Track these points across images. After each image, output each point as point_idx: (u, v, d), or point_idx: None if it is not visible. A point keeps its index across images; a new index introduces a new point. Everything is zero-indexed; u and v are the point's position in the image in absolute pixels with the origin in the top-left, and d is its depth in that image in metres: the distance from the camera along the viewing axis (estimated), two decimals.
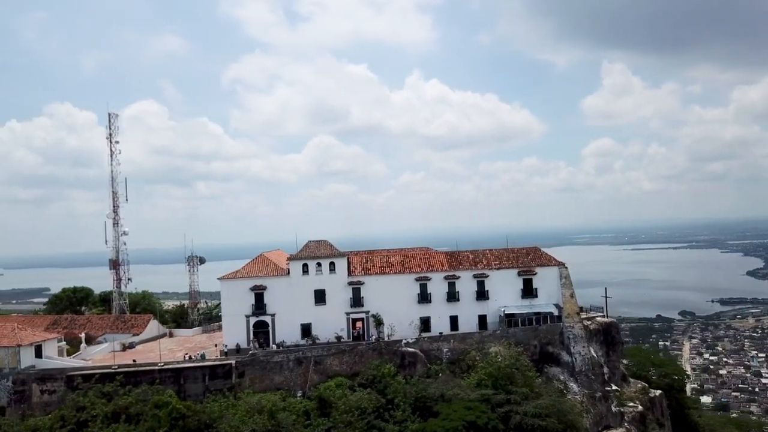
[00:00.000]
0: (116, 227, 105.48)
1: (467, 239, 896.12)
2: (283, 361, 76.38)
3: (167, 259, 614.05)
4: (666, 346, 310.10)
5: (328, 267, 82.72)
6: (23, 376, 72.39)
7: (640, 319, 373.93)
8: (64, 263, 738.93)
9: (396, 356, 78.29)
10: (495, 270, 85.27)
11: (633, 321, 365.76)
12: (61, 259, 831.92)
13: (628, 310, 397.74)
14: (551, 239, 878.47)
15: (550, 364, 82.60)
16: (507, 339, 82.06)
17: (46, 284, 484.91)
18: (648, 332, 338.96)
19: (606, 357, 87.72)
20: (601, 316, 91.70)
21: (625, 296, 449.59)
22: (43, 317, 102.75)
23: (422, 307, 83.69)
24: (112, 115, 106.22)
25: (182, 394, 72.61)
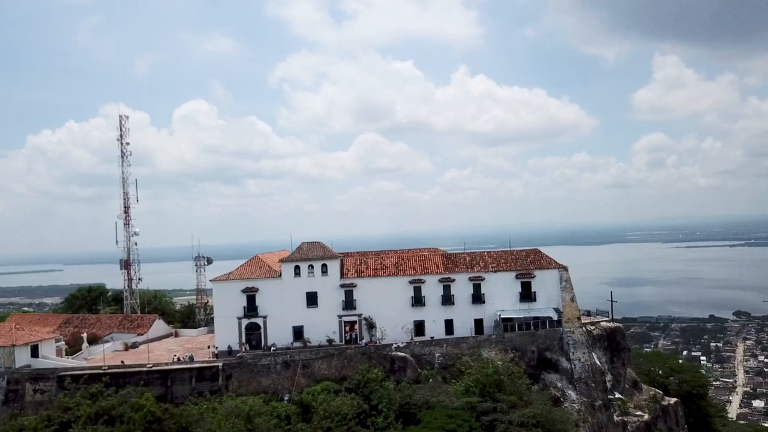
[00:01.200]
0: (127, 227, 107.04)
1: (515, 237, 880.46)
2: (270, 364, 75.99)
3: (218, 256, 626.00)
4: (718, 348, 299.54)
5: (320, 269, 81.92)
6: (17, 376, 73.94)
7: (692, 319, 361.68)
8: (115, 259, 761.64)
9: (386, 361, 77.01)
10: (492, 273, 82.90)
11: (684, 321, 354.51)
12: (116, 256, 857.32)
13: (680, 310, 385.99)
14: (602, 236, 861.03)
15: (548, 371, 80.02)
16: (503, 344, 79.87)
17: (102, 280, 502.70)
18: (699, 333, 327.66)
19: (610, 364, 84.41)
20: (606, 320, 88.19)
21: (677, 295, 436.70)
22: (57, 316, 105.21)
23: (416, 310, 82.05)
24: (122, 117, 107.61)
25: (169, 396, 73.20)
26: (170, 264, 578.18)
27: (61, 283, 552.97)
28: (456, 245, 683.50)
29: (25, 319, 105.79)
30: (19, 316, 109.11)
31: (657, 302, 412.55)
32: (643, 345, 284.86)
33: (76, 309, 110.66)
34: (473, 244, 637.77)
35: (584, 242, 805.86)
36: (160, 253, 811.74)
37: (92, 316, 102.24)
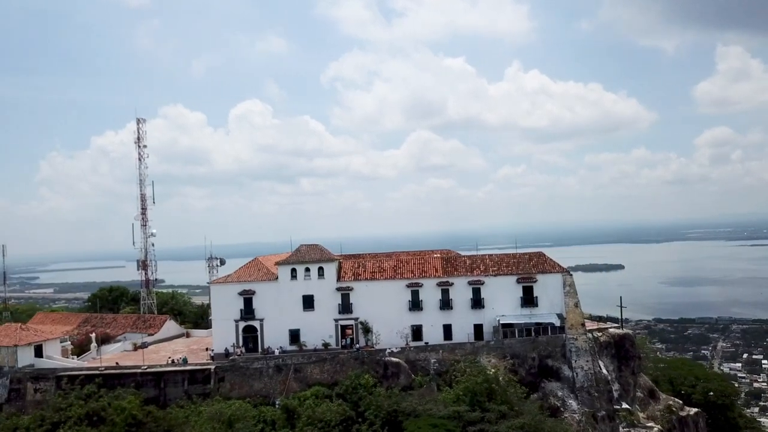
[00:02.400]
0: (144, 228, 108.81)
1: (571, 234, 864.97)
2: (262, 367, 75.78)
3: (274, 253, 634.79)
4: None
5: (317, 272, 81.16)
6: (19, 375, 75.95)
7: (755, 321, 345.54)
8: (178, 256, 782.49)
9: (379, 366, 75.73)
10: (492, 276, 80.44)
11: (746, 322, 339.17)
12: (175, 253, 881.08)
13: (742, 311, 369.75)
14: (661, 234, 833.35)
15: (549, 379, 77.14)
16: (502, 351, 77.47)
17: (161, 276, 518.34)
18: (762, 335, 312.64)
19: (618, 372, 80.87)
20: (615, 327, 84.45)
21: (740, 295, 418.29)
22: (77, 315, 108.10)
23: (413, 314, 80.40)
24: (140, 120, 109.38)
25: (162, 398, 73.91)
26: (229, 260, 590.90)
27: (123, 279, 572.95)
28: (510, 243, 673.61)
29: (48, 318, 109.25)
30: (44, 314, 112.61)
31: (718, 303, 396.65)
32: (701, 347, 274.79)
33: (98, 308, 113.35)
34: (528, 242, 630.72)
35: (643, 240, 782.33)
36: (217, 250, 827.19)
37: (109, 315, 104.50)
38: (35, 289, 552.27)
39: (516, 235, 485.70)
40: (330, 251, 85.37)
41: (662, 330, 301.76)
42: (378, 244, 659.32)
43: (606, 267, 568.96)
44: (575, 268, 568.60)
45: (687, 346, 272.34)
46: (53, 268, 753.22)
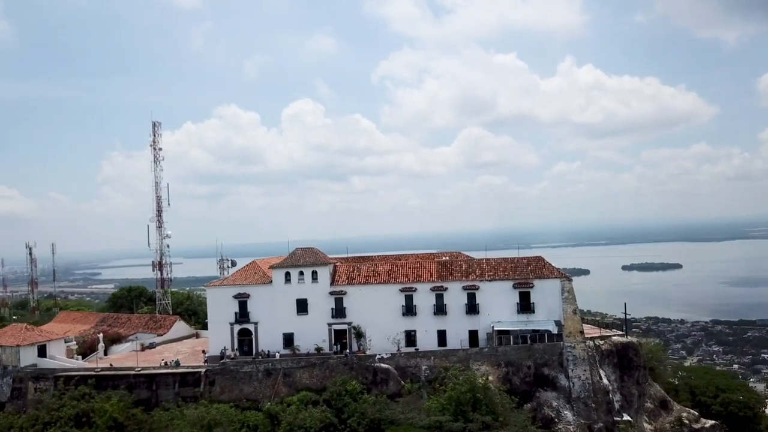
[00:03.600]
0: (159, 230, 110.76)
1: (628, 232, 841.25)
2: (252, 371, 75.81)
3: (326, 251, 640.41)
4: None
5: (311, 276, 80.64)
6: (21, 375, 78.15)
7: None
8: (233, 254, 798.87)
9: (368, 372, 74.76)
10: (487, 281, 78.28)
11: None
12: (230, 251, 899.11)
13: None
14: (722, 232, 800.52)
15: (546, 388, 74.62)
16: (496, 358, 75.38)
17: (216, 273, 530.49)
18: None
19: (620, 382, 77.53)
20: (620, 335, 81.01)
21: None
22: (96, 314, 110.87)
23: (407, 320, 78.98)
24: (156, 123, 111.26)
25: (154, 399, 74.77)
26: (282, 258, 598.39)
27: (179, 276, 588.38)
28: (565, 241, 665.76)
29: (69, 317, 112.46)
30: (66, 313, 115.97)
31: None
32: (761, 350, 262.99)
33: (117, 308, 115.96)
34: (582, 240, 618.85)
35: (702, 238, 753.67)
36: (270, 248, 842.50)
37: (124, 315, 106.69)
38: (97, 284, 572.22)
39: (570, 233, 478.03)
40: (326, 254, 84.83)
41: (720, 332, 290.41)
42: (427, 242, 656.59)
43: (663, 266, 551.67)
44: (630, 267, 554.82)
45: (746, 349, 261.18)
46: (114, 264, 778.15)
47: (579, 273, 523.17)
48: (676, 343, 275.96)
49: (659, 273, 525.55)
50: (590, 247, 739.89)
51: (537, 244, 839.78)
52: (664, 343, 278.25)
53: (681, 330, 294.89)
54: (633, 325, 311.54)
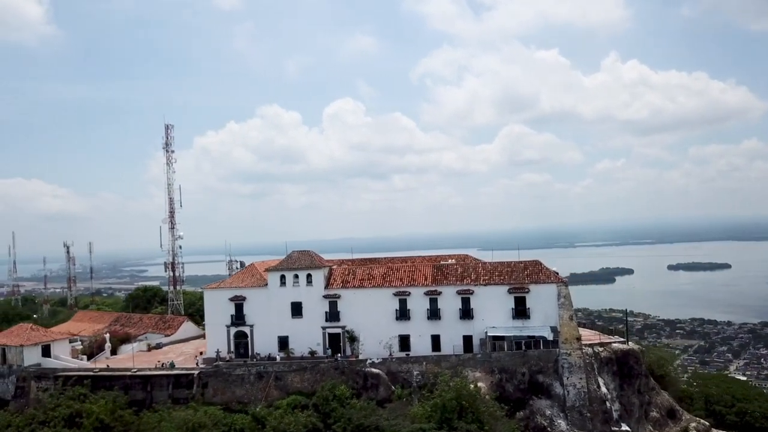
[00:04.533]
0: (172, 231, 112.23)
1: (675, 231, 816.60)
2: (244, 374, 76.01)
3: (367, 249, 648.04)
4: None
5: (305, 279, 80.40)
6: (24, 374, 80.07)
7: None
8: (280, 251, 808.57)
9: (359, 377, 74.16)
10: (482, 286, 76.72)
11: None
12: (273, 248, 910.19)
13: None
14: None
15: (540, 396, 72.79)
16: (489, 364, 73.89)
17: None
18: None
19: (619, 390, 75.05)
20: (620, 342, 78.38)
21: None
22: (111, 314, 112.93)
23: (401, 324, 78.02)
24: (168, 126, 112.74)
25: (149, 401, 75.59)
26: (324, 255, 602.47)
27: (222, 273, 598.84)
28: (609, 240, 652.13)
29: (86, 316, 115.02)
30: (83, 312, 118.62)
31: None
32: None
33: (133, 307, 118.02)
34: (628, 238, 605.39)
35: (753, 237, 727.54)
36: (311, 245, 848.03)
37: (136, 315, 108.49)
38: (143, 281, 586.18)
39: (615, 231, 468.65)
40: (321, 257, 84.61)
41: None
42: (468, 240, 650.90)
43: (711, 266, 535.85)
44: (676, 266, 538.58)
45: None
46: (159, 261, 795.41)
47: (622, 273, 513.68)
48: (721, 345, 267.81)
49: (707, 273, 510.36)
50: (636, 246, 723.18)
51: (580, 243, 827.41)
52: (709, 345, 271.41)
53: (727, 332, 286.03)
54: (677, 326, 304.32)
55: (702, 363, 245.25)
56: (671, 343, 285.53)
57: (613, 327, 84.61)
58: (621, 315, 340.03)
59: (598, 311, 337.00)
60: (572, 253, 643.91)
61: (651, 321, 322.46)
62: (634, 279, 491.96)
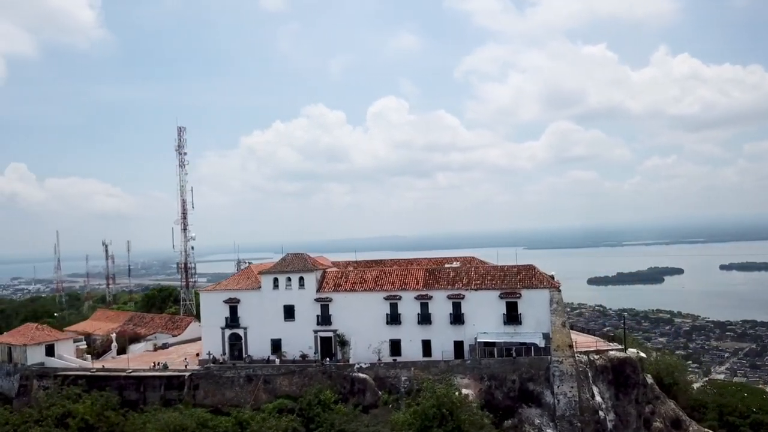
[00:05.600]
0: (184, 232, 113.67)
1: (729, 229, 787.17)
2: (234, 377, 76.28)
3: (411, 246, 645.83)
4: None
5: (298, 282, 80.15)
6: (27, 373, 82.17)
7: None
8: (323, 249, 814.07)
9: (346, 381, 73.57)
10: (473, 291, 75.05)
11: None
12: (319, 246, 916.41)
13: None
14: None
15: (530, 405, 70.80)
16: (479, 371, 72.29)
17: None
18: None
19: (615, 400, 72.38)
20: (618, 349, 75.56)
21: None
22: (126, 313, 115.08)
23: (392, 328, 77.04)
24: (181, 129, 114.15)
25: (142, 401, 76.55)
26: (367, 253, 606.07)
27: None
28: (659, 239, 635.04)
29: (104, 315, 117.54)
30: (102, 311, 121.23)
31: None
32: None
33: (149, 307, 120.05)
34: (679, 237, 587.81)
35: None
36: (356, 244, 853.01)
37: (149, 315, 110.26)
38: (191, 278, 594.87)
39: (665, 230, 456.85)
40: (316, 260, 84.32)
41: None
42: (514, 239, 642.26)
43: (766, 266, 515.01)
44: (729, 266, 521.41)
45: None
46: (209, 259, 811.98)
47: (671, 272, 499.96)
48: None
49: (761, 273, 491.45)
50: (686, 245, 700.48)
51: (629, 242, 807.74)
52: (761, 348, 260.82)
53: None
54: (727, 328, 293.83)
55: (752, 367, 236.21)
56: (720, 345, 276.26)
57: (700, 324, 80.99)
58: (668, 316, 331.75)
59: (644, 312, 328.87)
60: (620, 252, 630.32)
61: (700, 322, 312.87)
62: (684, 279, 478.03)
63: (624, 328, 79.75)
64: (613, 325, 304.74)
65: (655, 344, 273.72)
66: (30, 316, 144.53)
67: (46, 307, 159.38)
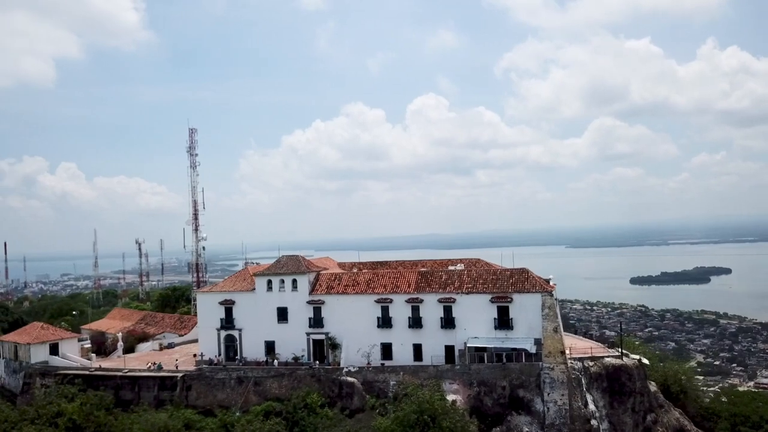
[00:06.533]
0: (196, 233, 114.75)
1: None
2: (225, 378, 76.43)
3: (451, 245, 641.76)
4: None
5: (291, 284, 79.78)
6: (31, 371, 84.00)
7: None
8: (362, 247, 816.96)
9: (334, 385, 72.93)
10: (464, 294, 73.45)
11: None
12: (360, 243, 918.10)
13: None
14: None
15: (520, 412, 69.00)
16: (468, 376, 70.80)
17: None
18: None
19: (609, 408, 69.95)
20: (614, 356, 72.93)
21: None
22: (140, 312, 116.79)
23: (383, 332, 76.01)
24: (192, 130, 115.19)
25: (136, 401, 77.29)
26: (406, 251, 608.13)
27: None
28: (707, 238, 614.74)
29: (119, 314, 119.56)
30: (118, 310, 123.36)
31: None
32: None
33: (163, 306, 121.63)
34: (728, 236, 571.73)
35: None
36: (397, 241, 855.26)
37: (159, 314, 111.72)
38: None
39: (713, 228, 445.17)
40: (310, 262, 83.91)
41: None
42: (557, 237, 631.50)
43: None
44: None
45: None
46: (251, 256, 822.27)
47: (718, 272, 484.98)
48: None
49: None
50: (735, 244, 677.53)
51: (675, 241, 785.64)
52: None
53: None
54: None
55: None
56: (767, 348, 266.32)
57: (747, 326, 78.39)
58: (713, 317, 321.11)
59: (688, 312, 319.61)
60: (665, 251, 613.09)
61: (747, 324, 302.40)
62: (732, 279, 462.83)
63: (621, 334, 76.86)
64: (654, 326, 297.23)
65: (698, 346, 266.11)
66: (56, 313, 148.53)
67: (70, 304, 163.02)
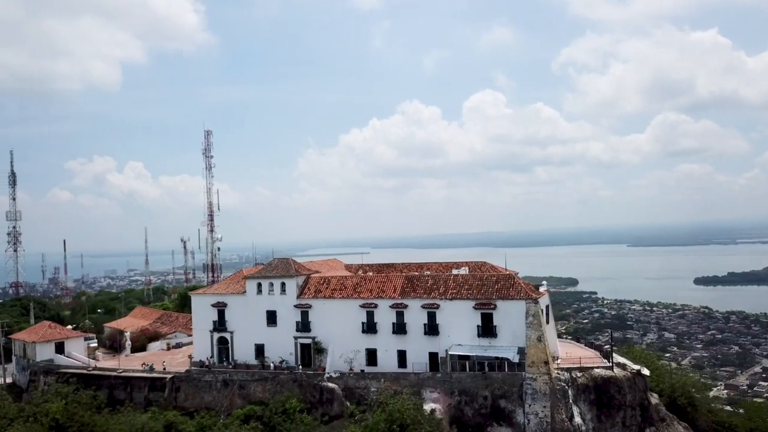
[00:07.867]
0: (211, 234, 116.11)
1: None
2: (212, 381, 76.71)
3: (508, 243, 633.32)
4: None
5: (280, 287, 79.33)
6: (36, 369, 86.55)
7: None
8: (418, 245, 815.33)
9: (315, 391, 72.12)
10: (448, 300, 71.27)
11: None
12: (416, 241, 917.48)
13: None
14: None
15: (501, 423, 66.52)
16: (450, 385, 68.74)
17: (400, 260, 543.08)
18: None
19: (596, 422, 66.57)
20: (604, 367, 69.25)
21: None
22: (157, 312, 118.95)
23: (368, 337, 74.62)
24: (208, 132, 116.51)
25: (128, 401, 78.58)
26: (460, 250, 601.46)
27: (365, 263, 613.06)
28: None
29: (140, 312, 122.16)
30: (139, 309, 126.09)
31: None
32: None
33: (182, 306, 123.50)
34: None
35: None
36: (452, 239, 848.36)
37: (174, 314, 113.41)
38: None
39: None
40: (302, 265, 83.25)
41: None
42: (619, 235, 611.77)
43: None
44: None
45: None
46: (309, 253, 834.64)
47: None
48: None
49: None
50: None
51: (744, 240, 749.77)
52: None
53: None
54: None
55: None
56: None
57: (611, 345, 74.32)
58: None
59: (755, 315, 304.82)
60: (733, 251, 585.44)
61: None
62: None
63: (611, 344, 72.90)
64: (718, 328, 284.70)
65: (764, 350, 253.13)
66: (91, 310, 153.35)
67: (106, 302, 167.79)
